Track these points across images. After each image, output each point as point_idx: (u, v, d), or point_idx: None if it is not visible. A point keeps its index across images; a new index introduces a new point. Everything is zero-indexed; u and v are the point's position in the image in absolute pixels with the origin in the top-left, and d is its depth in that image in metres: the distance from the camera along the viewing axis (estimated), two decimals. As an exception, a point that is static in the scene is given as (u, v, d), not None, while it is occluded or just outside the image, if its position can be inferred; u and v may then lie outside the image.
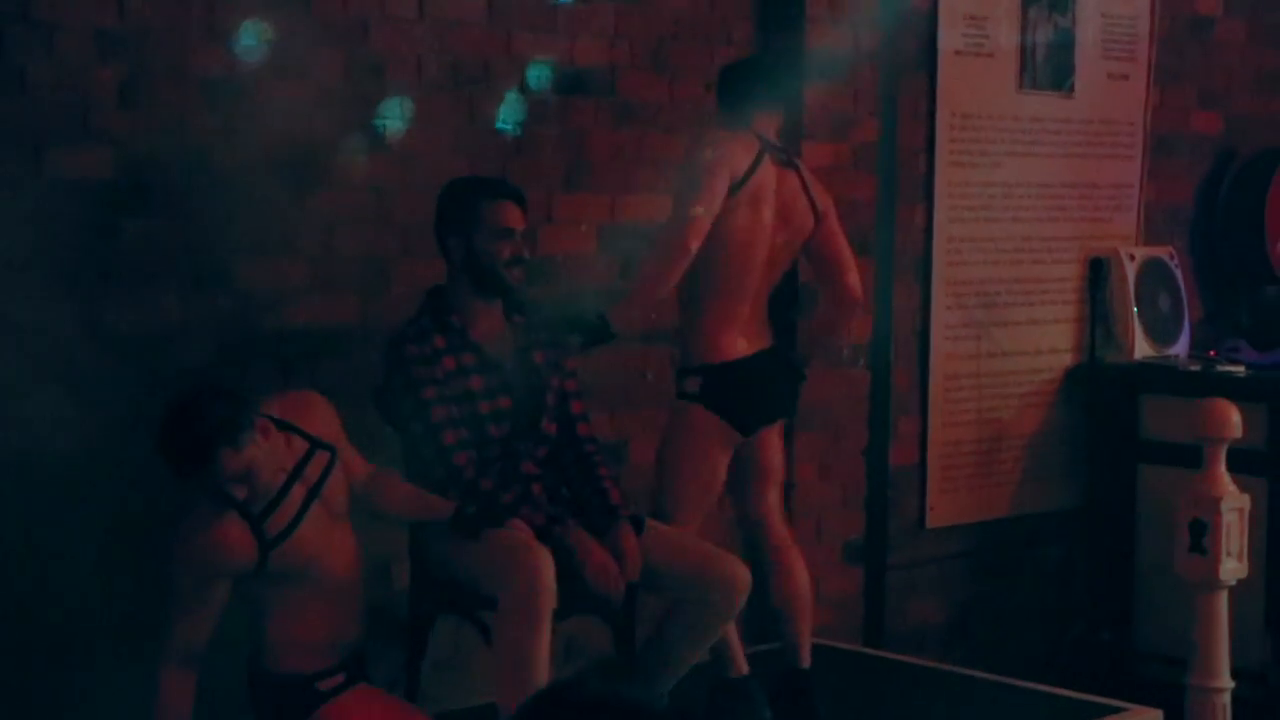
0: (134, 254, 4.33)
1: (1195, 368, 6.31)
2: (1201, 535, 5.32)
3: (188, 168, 4.38)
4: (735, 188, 4.47)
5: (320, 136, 4.59)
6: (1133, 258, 6.49)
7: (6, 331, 4.11)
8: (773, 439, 4.76)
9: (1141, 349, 6.43)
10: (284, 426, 3.89)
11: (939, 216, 6.03)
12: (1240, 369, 6.24)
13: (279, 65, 4.50)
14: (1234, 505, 5.34)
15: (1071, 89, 6.39)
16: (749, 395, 4.60)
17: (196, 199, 4.41)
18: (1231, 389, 5.79)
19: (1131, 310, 6.42)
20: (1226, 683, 5.29)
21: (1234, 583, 5.31)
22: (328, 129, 4.60)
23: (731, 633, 4.66)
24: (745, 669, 4.71)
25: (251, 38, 4.44)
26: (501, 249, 4.23)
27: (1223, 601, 5.27)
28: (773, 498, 4.81)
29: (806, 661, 4.76)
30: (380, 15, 4.69)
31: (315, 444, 3.94)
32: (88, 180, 4.24)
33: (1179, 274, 6.62)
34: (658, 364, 5.16)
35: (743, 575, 4.37)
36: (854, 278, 4.71)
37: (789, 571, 4.73)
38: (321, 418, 3.99)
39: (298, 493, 3.89)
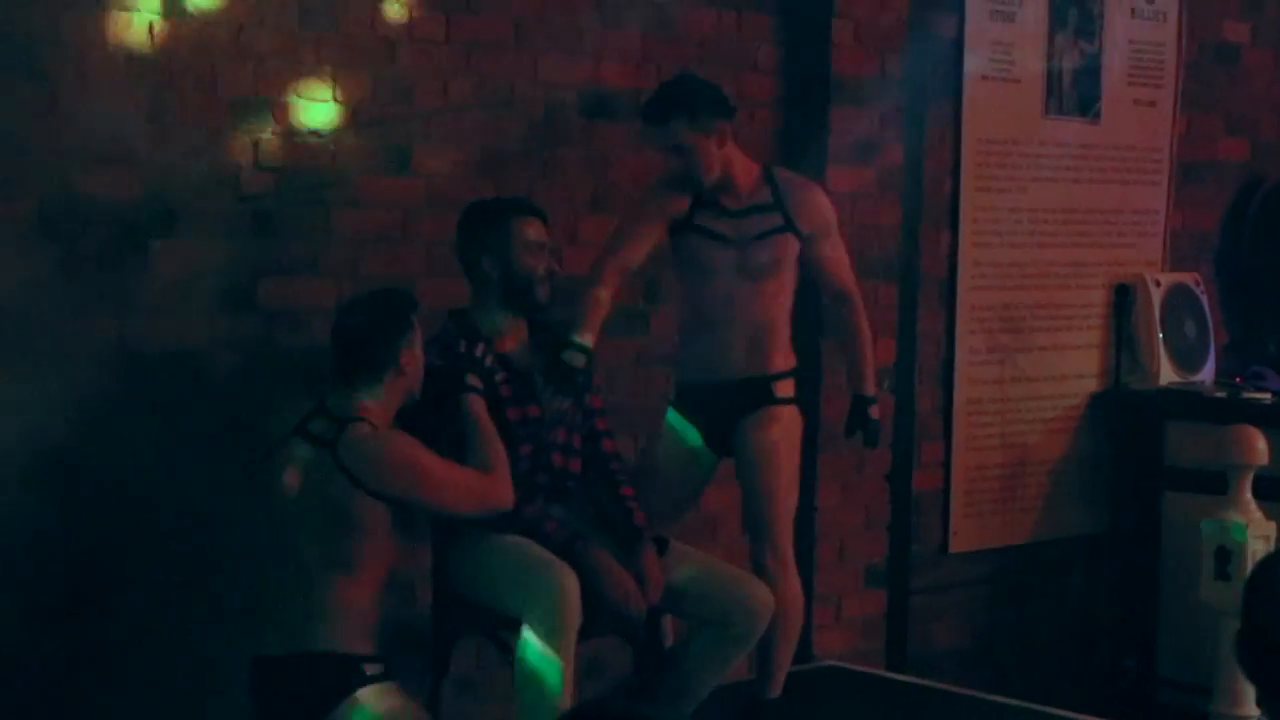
0: (161, 274, 4.35)
1: (1221, 394, 6.29)
2: (1227, 562, 5.30)
3: (215, 188, 4.41)
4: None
5: (347, 157, 4.62)
6: (1158, 284, 6.48)
7: (35, 350, 4.14)
8: None
9: (1167, 375, 6.41)
10: None
11: (964, 241, 6.04)
12: (1266, 396, 6.22)
13: (306, 85, 4.53)
14: (1260, 532, 5.32)
15: (1098, 115, 6.39)
16: None
17: (223, 219, 4.44)
18: (1257, 416, 5.76)
19: (1157, 336, 6.41)
20: (1251, 711, 5.26)
21: (1259, 610, 5.28)
22: (354, 149, 4.62)
23: (782, 654, 4.66)
24: (778, 692, 4.69)
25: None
26: (537, 263, 4.28)
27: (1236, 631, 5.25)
28: None
29: (777, 691, 4.72)
30: (408, 37, 4.72)
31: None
32: (116, 200, 4.26)
33: (1205, 300, 6.60)
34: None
35: (765, 598, 4.37)
36: None
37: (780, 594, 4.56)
38: None
39: None
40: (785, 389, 4.65)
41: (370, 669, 3.91)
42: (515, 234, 4.28)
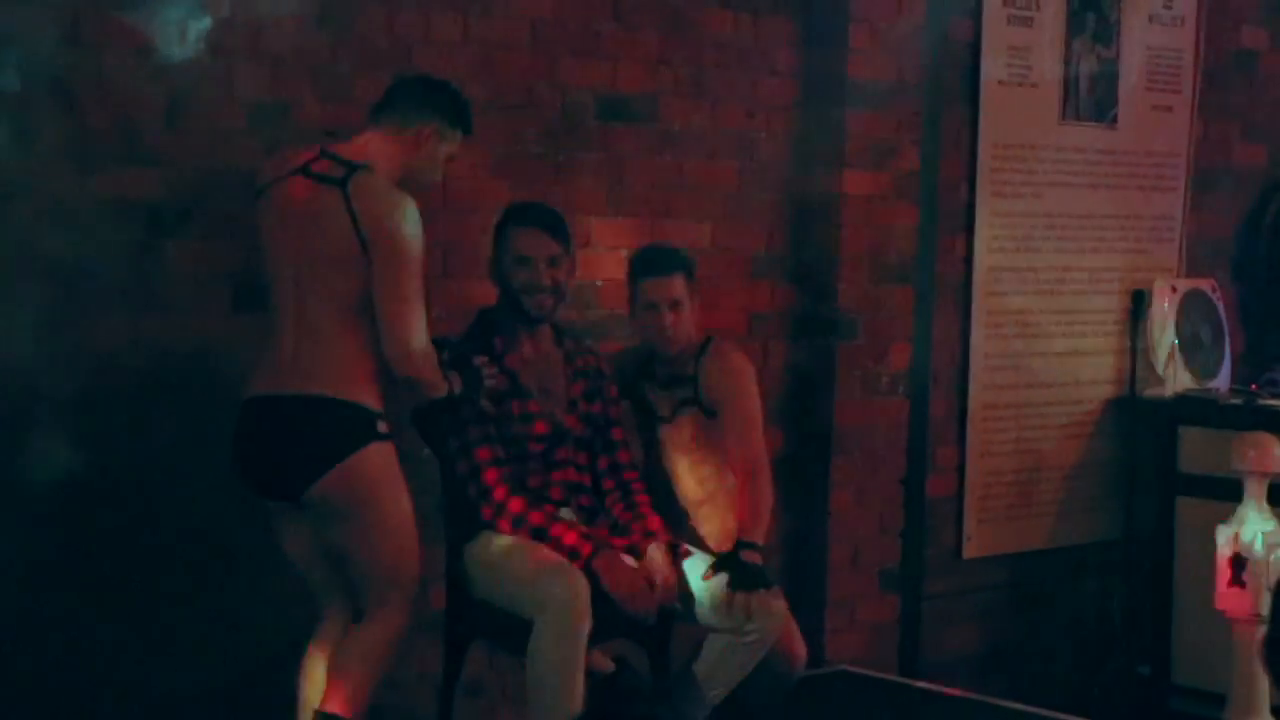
0: (178, 274, 4.36)
1: (1236, 401, 6.26)
2: (1242, 569, 5.29)
3: (232, 189, 4.41)
4: None
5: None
6: (1174, 290, 6.46)
7: (52, 348, 4.15)
8: None
9: (1182, 381, 6.39)
10: None
11: (979, 246, 6.03)
12: (1281, 402, 6.20)
13: (322, 87, 4.54)
14: (1275, 539, 5.31)
15: (1114, 120, 6.38)
16: None
17: (240, 220, 4.44)
18: (1272, 422, 5.74)
19: (1172, 343, 6.40)
20: (1266, 718, 5.25)
21: (1274, 618, 5.27)
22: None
23: None
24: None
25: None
26: (518, 275, 4.28)
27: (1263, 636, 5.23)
28: None
29: None
30: (424, 38, 4.72)
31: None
32: (134, 201, 4.28)
33: (1220, 306, 6.58)
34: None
35: (777, 605, 4.37)
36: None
37: None
38: None
39: None
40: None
41: (382, 426, 3.90)
42: (505, 245, 4.32)
